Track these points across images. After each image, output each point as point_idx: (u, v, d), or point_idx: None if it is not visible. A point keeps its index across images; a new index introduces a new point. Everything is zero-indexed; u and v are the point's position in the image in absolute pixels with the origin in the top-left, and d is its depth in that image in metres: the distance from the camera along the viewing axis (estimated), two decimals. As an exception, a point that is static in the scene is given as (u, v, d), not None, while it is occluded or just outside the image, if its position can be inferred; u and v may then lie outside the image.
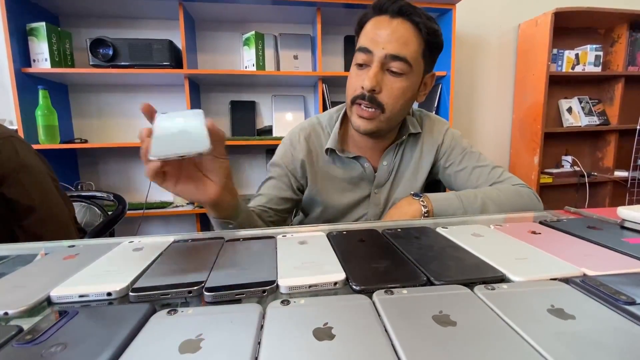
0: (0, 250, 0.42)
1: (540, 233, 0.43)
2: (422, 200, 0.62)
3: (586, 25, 2.07)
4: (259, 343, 0.21)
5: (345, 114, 0.74)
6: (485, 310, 0.25)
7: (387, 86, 0.62)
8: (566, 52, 1.98)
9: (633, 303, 0.25)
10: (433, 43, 0.63)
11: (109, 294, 0.29)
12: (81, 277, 0.32)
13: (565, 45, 2.03)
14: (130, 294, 0.29)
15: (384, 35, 0.60)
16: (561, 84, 2.11)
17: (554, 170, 2.13)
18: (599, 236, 0.40)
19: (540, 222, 0.47)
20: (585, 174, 2.08)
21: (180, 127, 0.38)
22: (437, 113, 1.85)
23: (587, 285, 0.28)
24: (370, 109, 0.63)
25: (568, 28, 2.04)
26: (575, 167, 2.16)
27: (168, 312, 0.25)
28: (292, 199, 0.73)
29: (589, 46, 1.99)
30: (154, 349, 0.21)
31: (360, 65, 0.63)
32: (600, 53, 2.01)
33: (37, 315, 0.26)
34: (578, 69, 2.00)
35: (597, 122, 2.09)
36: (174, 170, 0.41)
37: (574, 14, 1.86)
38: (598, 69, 2.02)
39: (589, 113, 2.11)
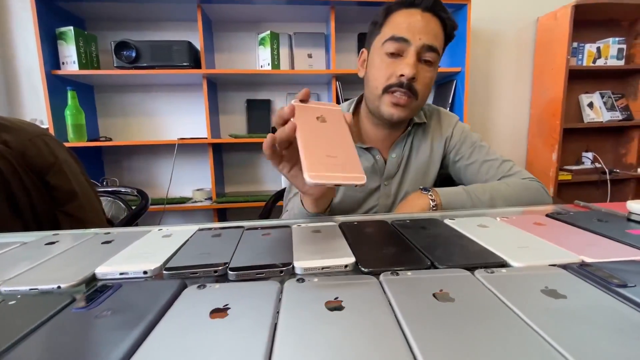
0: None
1: (545, 225, 0.44)
2: (430, 195, 0.64)
3: (608, 17, 2.01)
4: (278, 312, 0.24)
5: (356, 107, 0.77)
6: (482, 289, 0.27)
7: (421, 75, 0.66)
8: (587, 45, 1.93)
9: (624, 286, 0.27)
10: (449, 37, 0.69)
11: (145, 272, 0.33)
12: (120, 258, 0.36)
13: (586, 38, 1.98)
14: (164, 272, 0.32)
15: (420, 27, 0.63)
16: (582, 78, 2.05)
17: (574, 167, 2.08)
18: (602, 228, 0.42)
19: (547, 215, 0.49)
20: (606, 170, 2.03)
21: (330, 143, 0.36)
22: (451, 109, 1.85)
23: (583, 270, 0.30)
24: (406, 97, 0.66)
25: (589, 21, 1.99)
26: (596, 163, 2.10)
27: (198, 287, 0.29)
28: None
29: (611, 39, 1.94)
30: (189, 314, 0.24)
31: (392, 54, 0.65)
32: (624, 46, 1.95)
33: (85, 289, 0.30)
34: (599, 62, 1.94)
35: (620, 117, 2.03)
36: (290, 156, 0.43)
37: (595, 6, 1.81)
38: (621, 63, 1.96)
39: (612, 108, 2.05)
